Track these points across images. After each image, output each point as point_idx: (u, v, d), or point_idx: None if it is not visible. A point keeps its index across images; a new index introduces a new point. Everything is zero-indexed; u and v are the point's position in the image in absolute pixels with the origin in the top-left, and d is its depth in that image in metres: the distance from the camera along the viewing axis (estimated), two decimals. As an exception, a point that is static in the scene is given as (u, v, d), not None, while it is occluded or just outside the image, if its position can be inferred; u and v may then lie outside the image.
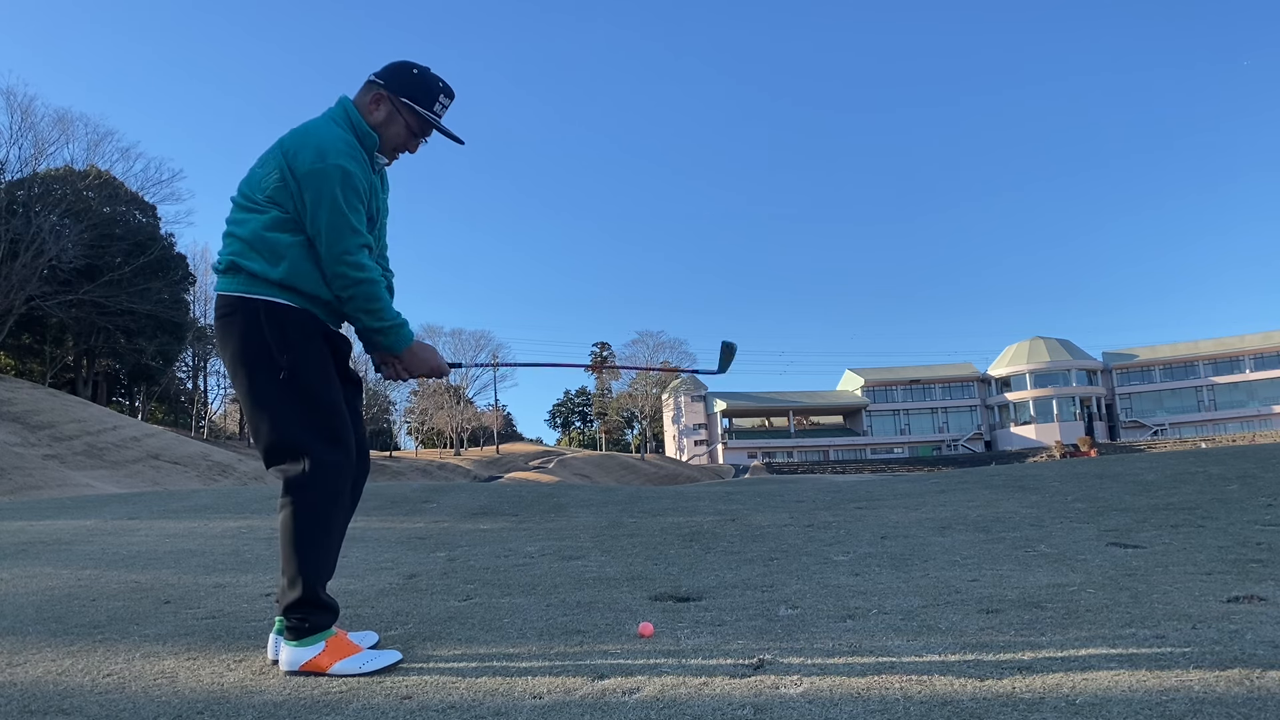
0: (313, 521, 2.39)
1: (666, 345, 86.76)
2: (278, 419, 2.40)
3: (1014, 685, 1.96)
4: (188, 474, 31.79)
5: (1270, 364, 75.79)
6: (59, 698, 2.21)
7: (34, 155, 41.10)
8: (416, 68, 2.58)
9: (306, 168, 2.38)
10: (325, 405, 2.45)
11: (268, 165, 2.46)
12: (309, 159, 2.38)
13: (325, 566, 2.44)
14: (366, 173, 2.50)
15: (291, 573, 2.36)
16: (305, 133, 2.45)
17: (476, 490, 9.27)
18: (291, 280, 2.42)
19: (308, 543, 2.37)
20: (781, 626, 2.67)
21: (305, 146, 2.41)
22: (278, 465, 2.43)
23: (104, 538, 5.70)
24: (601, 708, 1.96)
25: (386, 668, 2.35)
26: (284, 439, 2.40)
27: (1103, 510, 5.05)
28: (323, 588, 2.41)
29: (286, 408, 2.40)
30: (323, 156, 2.38)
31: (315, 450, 2.39)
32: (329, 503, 2.42)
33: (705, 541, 4.74)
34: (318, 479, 2.38)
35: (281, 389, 2.40)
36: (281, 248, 2.41)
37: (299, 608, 2.34)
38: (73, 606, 3.46)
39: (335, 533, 2.47)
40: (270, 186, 2.43)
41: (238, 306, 2.44)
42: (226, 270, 2.48)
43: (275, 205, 2.43)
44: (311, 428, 2.40)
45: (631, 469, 68.22)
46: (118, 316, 42.32)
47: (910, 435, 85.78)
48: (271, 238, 2.41)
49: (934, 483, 7.87)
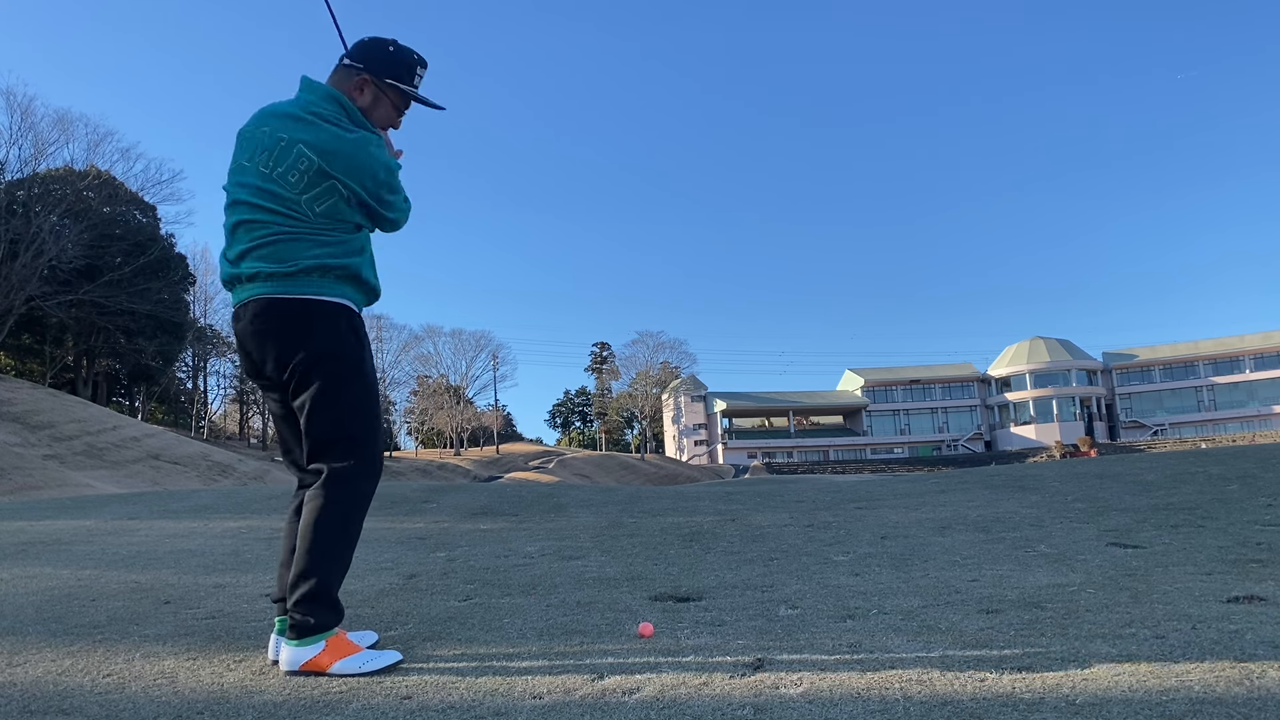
0: (346, 518, 2.40)
1: (666, 345, 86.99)
2: (348, 414, 2.43)
3: (1014, 685, 1.96)
4: (188, 474, 31.79)
5: (1270, 364, 75.80)
6: (59, 698, 2.21)
7: (34, 155, 41.18)
8: (392, 44, 2.57)
9: (334, 147, 2.38)
10: (377, 404, 2.54)
11: (284, 160, 2.38)
12: (333, 140, 2.39)
13: (344, 567, 2.45)
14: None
15: (308, 566, 2.35)
16: (334, 134, 2.44)
17: (476, 490, 9.26)
18: (348, 268, 2.45)
19: (336, 539, 2.38)
20: (781, 626, 2.67)
21: (323, 131, 2.41)
22: (326, 459, 2.42)
23: (104, 538, 5.70)
24: (601, 708, 1.96)
25: (387, 667, 2.35)
26: (348, 433, 2.43)
27: (1103, 510, 5.05)
28: (337, 588, 2.41)
29: (357, 404, 2.45)
30: (345, 133, 2.41)
31: (369, 446, 2.46)
32: (364, 500, 2.46)
33: (705, 541, 4.74)
34: (363, 474, 2.43)
35: (355, 385, 2.45)
36: (332, 240, 2.43)
37: (310, 602, 2.33)
38: (73, 606, 3.46)
39: (358, 534, 2.49)
40: (304, 178, 2.38)
41: (311, 308, 2.41)
42: (290, 274, 2.39)
43: (309, 199, 2.38)
44: (371, 425, 2.48)
45: (631, 469, 68.21)
46: (118, 316, 42.34)
47: (910, 435, 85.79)
48: (322, 236, 2.41)
49: (934, 483, 7.87)
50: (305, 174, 2.37)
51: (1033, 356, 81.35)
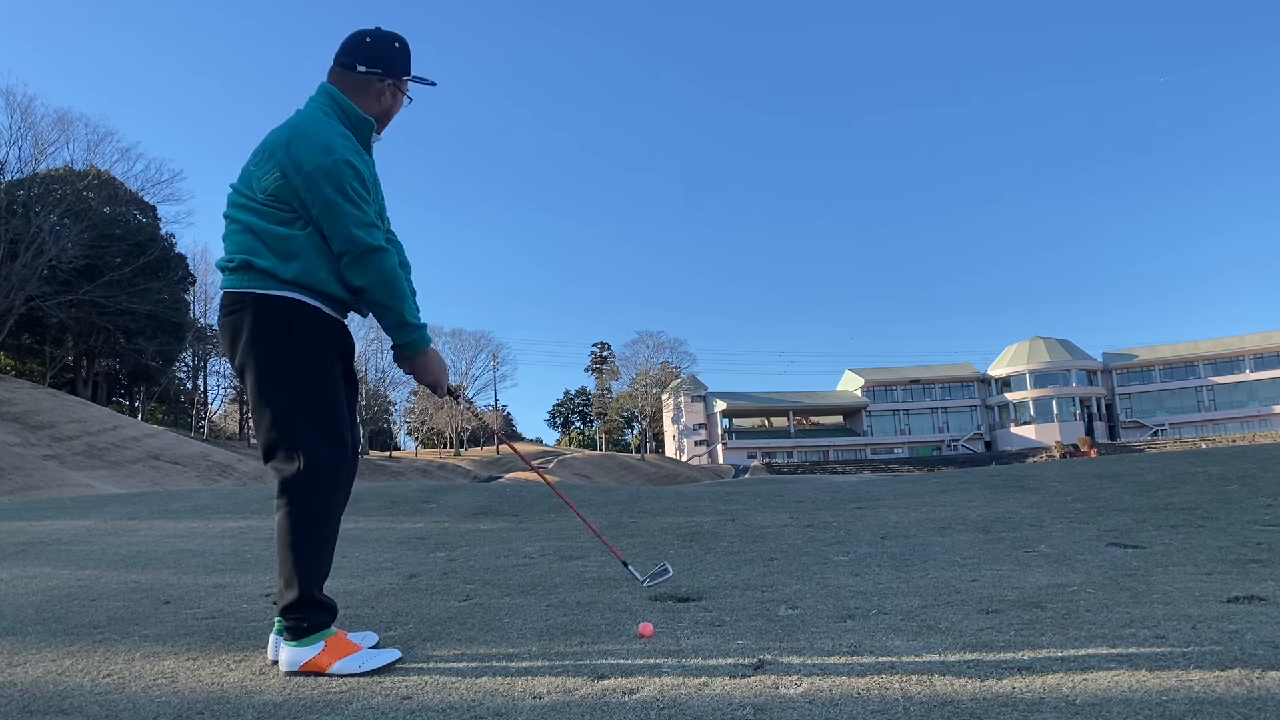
0: (309, 521, 2.38)
1: (666, 345, 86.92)
2: (280, 414, 2.38)
3: (1014, 685, 1.96)
4: (188, 474, 31.79)
5: (1270, 364, 75.78)
6: (59, 698, 2.21)
7: (34, 155, 41.17)
8: (397, 40, 2.57)
9: (309, 166, 2.34)
10: (328, 403, 2.44)
11: (264, 165, 2.42)
12: (309, 158, 2.35)
13: (322, 566, 2.43)
14: (366, 163, 2.47)
15: (288, 573, 2.35)
16: (300, 128, 2.41)
17: (476, 490, 9.27)
18: (305, 279, 2.39)
19: (305, 543, 2.37)
20: (781, 626, 2.67)
21: (304, 144, 2.37)
22: (274, 461, 2.42)
23: (104, 538, 5.70)
24: (601, 708, 1.96)
25: (386, 666, 2.35)
26: (284, 434, 2.38)
27: (1103, 510, 5.05)
28: (319, 588, 2.40)
29: (290, 404, 2.38)
30: (325, 152, 2.35)
31: (313, 448, 2.38)
32: (325, 502, 2.41)
33: (705, 541, 4.74)
34: (314, 477, 2.38)
35: (287, 385, 2.38)
36: (294, 246, 2.39)
37: (297, 608, 2.34)
38: (73, 606, 3.46)
39: (332, 532, 2.47)
40: (270, 185, 2.39)
41: (248, 302, 2.41)
42: (238, 268, 2.43)
43: (278, 203, 2.39)
44: (312, 425, 2.39)
45: (631, 469, 68.21)
46: (118, 316, 42.34)
47: (910, 435, 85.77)
48: (283, 235, 2.39)
49: (934, 483, 7.87)
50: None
51: (1033, 356, 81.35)
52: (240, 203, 2.47)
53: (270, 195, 2.40)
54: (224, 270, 2.48)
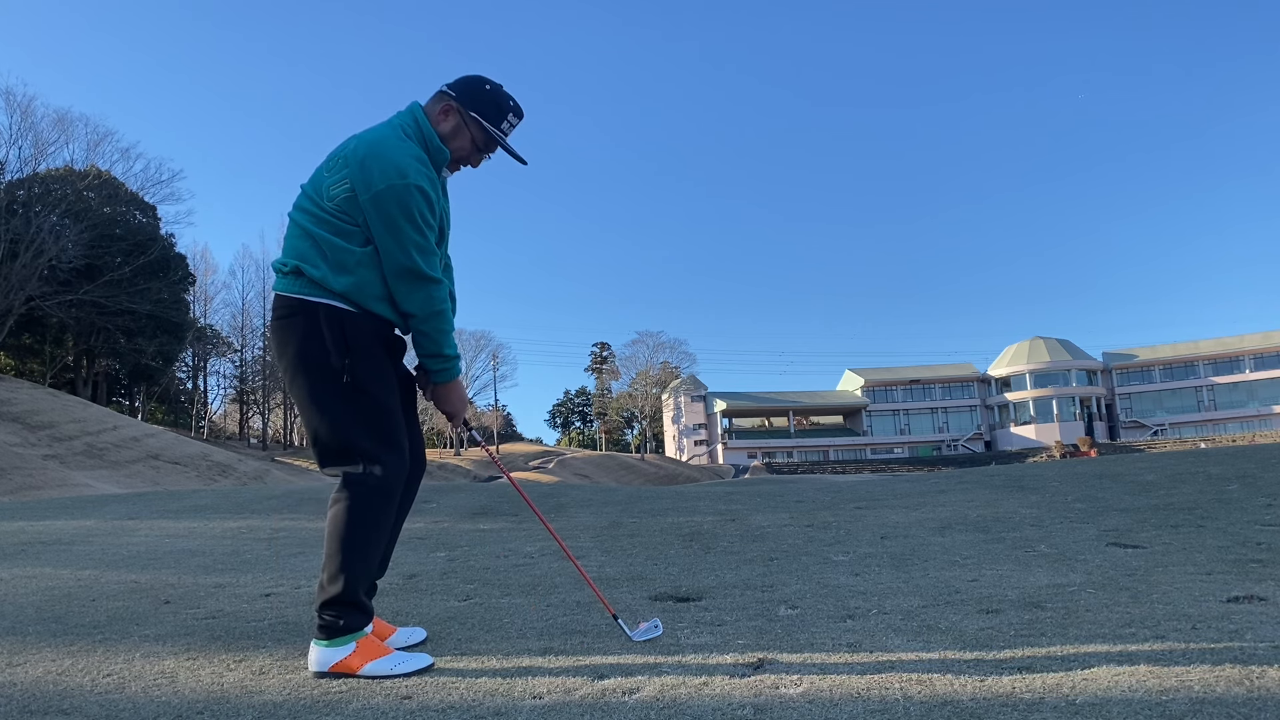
0: (364, 521, 2.38)
1: (666, 345, 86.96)
2: (336, 423, 2.38)
3: (1014, 685, 1.96)
4: (188, 474, 31.78)
5: (1270, 364, 75.76)
6: (59, 698, 2.21)
7: (34, 155, 41.22)
8: (489, 83, 2.56)
9: (380, 186, 2.32)
10: (383, 409, 2.43)
11: (336, 173, 2.40)
12: (382, 177, 2.33)
13: (370, 567, 2.44)
14: (436, 189, 2.46)
15: (334, 569, 2.34)
16: (377, 145, 2.38)
17: (476, 490, 9.26)
18: (354, 293, 2.39)
19: (357, 541, 2.36)
20: (781, 626, 2.67)
21: (378, 161, 2.34)
22: (334, 467, 2.42)
23: (104, 538, 5.70)
24: (601, 708, 1.96)
25: (419, 671, 2.33)
26: (342, 443, 2.38)
27: (1103, 510, 5.05)
28: (363, 589, 2.41)
29: (345, 412, 2.38)
30: (398, 174, 2.33)
31: (372, 454, 2.38)
32: (383, 503, 2.40)
33: (705, 541, 4.74)
34: (374, 480, 2.38)
35: (340, 393, 2.37)
36: (350, 261, 2.37)
37: (336, 605, 2.33)
38: (73, 606, 3.46)
39: (384, 535, 2.46)
40: (339, 197, 2.38)
41: (298, 309, 2.40)
42: (290, 272, 2.42)
43: (343, 216, 2.38)
44: (369, 432, 2.39)
45: (631, 469, 68.21)
46: (118, 316, 42.34)
47: (910, 435, 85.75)
48: (340, 247, 2.37)
49: (934, 483, 7.87)
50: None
51: (1033, 356, 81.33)
52: (305, 206, 2.45)
53: (336, 205, 2.38)
54: (278, 272, 2.47)
